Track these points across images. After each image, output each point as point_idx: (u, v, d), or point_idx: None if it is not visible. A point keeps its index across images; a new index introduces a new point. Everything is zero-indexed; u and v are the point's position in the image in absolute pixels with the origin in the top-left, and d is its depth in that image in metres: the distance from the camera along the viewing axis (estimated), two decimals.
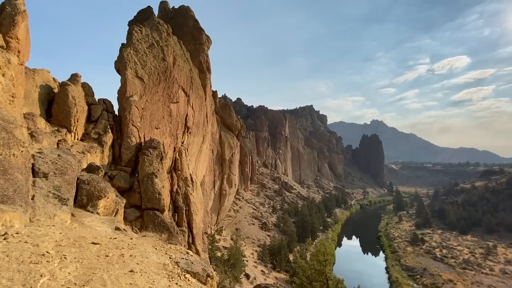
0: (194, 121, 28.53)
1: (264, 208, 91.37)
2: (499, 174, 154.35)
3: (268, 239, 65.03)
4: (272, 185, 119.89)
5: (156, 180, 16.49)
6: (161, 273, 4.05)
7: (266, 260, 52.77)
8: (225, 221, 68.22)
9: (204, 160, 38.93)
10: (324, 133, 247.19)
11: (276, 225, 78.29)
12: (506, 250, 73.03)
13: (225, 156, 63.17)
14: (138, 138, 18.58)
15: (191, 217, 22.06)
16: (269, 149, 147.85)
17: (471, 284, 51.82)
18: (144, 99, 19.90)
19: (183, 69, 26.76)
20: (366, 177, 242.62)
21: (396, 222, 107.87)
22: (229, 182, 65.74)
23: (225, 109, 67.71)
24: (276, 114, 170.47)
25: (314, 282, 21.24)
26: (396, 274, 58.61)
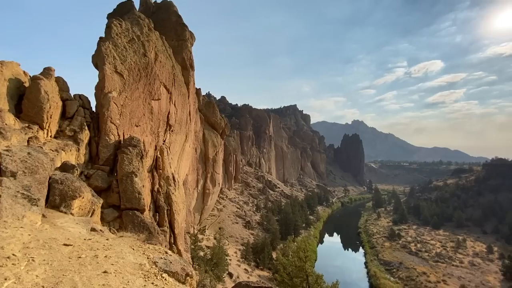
0: (176, 119, 27.99)
1: (248, 206, 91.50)
2: (469, 173, 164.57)
3: (252, 237, 65.27)
4: (256, 183, 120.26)
5: (136, 179, 16.04)
6: (137, 273, 3.94)
7: (250, 258, 52.96)
8: (209, 220, 67.65)
9: (187, 159, 38.34)
10: (307, 133, 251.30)
11: (260, 224, 78.70)
12: (474, 243, 78.01)
13: (208, 155, 62.55)
14: (117, 136, 17.95)
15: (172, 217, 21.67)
16: (254, 148, 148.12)
17: (443, 276, 54.86)
18: (123, 96, 19.24)
19: (165, 66, 26.15)
20: (347, 175, 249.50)
21: (375, 219, 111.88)
22: (213, 181, 65.21)
23: (209, 107, 66.95)
24: (261, 113, 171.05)
25: (295, 278, 21.63)
26: (375, 268, 60.87)
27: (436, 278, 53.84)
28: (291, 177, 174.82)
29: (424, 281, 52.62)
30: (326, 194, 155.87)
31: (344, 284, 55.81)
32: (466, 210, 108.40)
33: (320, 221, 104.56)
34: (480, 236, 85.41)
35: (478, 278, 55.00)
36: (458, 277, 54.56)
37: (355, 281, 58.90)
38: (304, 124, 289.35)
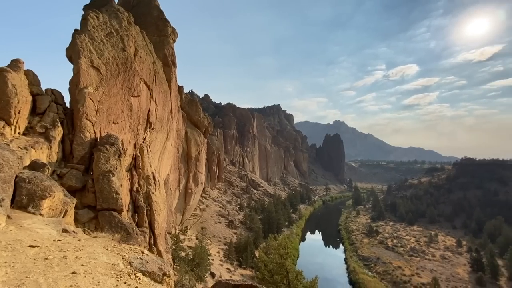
0: (157, 117, 27.28)
1: (231, 206, 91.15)
2: (440, 171, 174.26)
3: (235, 236, 65.10)
4: (239, 183, 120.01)
5: (113, 178, 15.44)
6: (109, 273, 3.78)
7: (232, 257, 52.82)
8: (191, 220, 66.65)
9: (168, 157, 37.50)
10: (290, 132, 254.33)
11: (243, 223, 78.67)
12: (445, 238, 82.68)
13: (191, 154, 61.55)
14: (93, 133, 17.20)
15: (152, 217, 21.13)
16: (237, 147, 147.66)
17: (417, 270, 57.71)
18: (100, 91, 18.46)
19: (146, 61, 25.39)
20: (329, 174, 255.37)
21: (354, 216, 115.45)
22: (195, 180, 64.27)
23: (192, 105, 65.87)
24: (245, 112, 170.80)
25: (276, 275, 21.85)
26: (354, 264, 62.83)
27: (411, 271, 56.52)
28: (275, 176, 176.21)
29: (400, 274, 55.07)
30: (308, 192, 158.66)
31: (325, 280, 57.19)
32: (438, 206, 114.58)
33: (302, 219, 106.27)
34: (450, 231, 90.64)
35: (449, 270, 58.36)
36: (430, 270, 57.59)
37: (335, 277, 60.46)
38: (288, 124, 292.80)
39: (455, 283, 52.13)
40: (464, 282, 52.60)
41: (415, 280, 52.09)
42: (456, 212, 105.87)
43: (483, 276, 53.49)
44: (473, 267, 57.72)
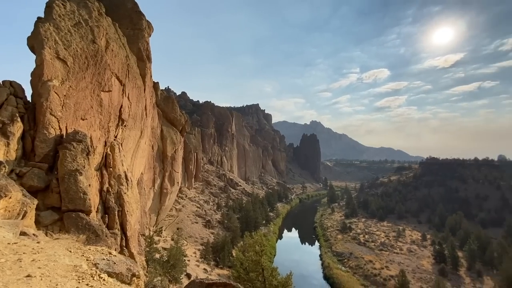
0: (130, 113, 26.14)
1: (209, 205, 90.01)
2: (408, 170, 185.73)
3: (212, 236, 64.39)
4: (217, 182, 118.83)
5: (81, 177, 14.56)
6: (69, 275, 3.53)
7: (209, 258, 52.21)
8: (166, 221, 64.85)
9: (142, 156, 36.13)
10: (269, 132, 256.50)
11: (221, 222, 78.05)
12: (411, 232, 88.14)
13: (167, 153, 59.82)
14: (58, 130, 16.06)
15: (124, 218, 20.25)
16: (215, 146, 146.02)
17: (386, 263, 60.96)
18: (67, 85, 17.28)
19: (118, 55, 24.20)
20: (305, 173, 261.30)
21: (329, 213, 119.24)
22: (171, 180, 62.58)
23: (168, 102, 64.01)
24: (223, 111, 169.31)
25: (251, 273, 21.94)
26: (328, 260, 64.90)
27: (380, 265, 59.56)
28: (253, 175, 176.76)
29: (371, 268, 57.84)
30: (285, 191, 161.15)
31: (301, 276, 58.46)
32: (406, 203, 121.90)
33: (280, 218, 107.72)
34: (417, 226, 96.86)
35: (414, 263, 62.32)
36: (398, 263, 61.12)
37: (311, 273, 62.04)
38: (266, 123, 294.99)
39: (420, 274, 55.76)
40: (428, 273, 56.45)
41: (384, 273, 54.96)
42: (422, 208, 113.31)
43: (445, 267, 57.78)
44: (436, 259, 62.10)
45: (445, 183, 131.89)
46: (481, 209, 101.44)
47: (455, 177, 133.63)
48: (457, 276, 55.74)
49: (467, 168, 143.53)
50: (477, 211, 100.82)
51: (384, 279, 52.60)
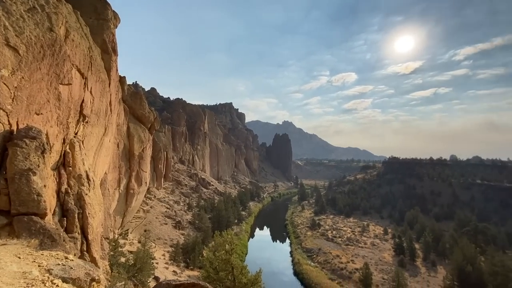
0: (93, 109, 24.43)
1: (179, 206, 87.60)
2: (372, 169, 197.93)
3: (182, 237, 62.79)
4: (188, 182, 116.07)
5: (34, 178, 13.29)
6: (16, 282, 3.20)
7: (179, 259, 50.85)
8: (133, 223, 61.89)
9: (107, 155, 34.04)
10: (242, 131, 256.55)
11: (192, 223, 76.40)
12: (375, 227, 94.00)
13: (134, 151, 57.02)
14: (7, 125, 14.48)
15: (85, 221, 18.93)
16: (187, 145, 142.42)
17: (352, 257, 64.36)
18: (18, 76, 15.64)
19: (80, 46, 22.47)
20: (277, 172, 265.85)
21: (299, 211, 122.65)
22: (138, 180, 59.81)
23: (136, 98, 61.02)
24: (195, 109, 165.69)
25: (221, 272, 21.85)
26: (298, 256, 66.76)
27: (347, 259, 62.74)
28: (225, 175, 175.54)
29: (338, 262, 60.67)
30: (258, 190, 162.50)
31: (272, 273, 59.40)
32: (370, 200, 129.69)
33: (252, 216, 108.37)
34: (379, 221, 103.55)
35: (377, 255, 66.61)
36: (362, 256, 64.86)
37: (281, 270, 63.34)
38: (239, 123, 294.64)
39: (382, 266, 59.75)
40: (389, 264, 60.69)
41: (350, 266, 57.98)
42: (384, 204, 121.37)
43: (404, 258, 62.54)
44: (396, 251, 66.95)
45: (404, 180, 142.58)
46: (435, 204, 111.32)
47: (413, 175, 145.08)
48: (414, 266, 60.64)
49: (423, 167, 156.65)
50: (431, 206, 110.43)
51: (350, 272, 55.47)
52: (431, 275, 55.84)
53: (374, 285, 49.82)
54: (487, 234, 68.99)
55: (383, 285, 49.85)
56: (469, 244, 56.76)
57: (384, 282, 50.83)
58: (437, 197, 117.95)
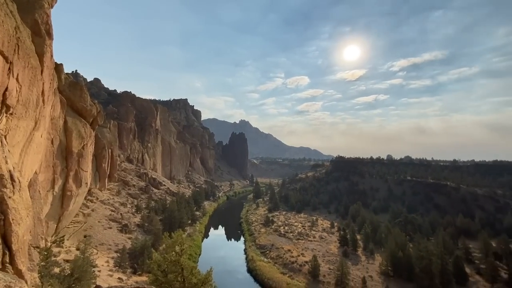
0: (20, 99, 21.09)
1: (126, 208, 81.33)
2: (321, 167, 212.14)
3: (129, 242, 58.40)
4: (137, 182, 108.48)
5: None
6: None
7: (126, 265, 47.23)
8: (70, 229, 55.37)
9: (38, 152, 29.79)
10: (197, 128, 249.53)
11: (140, 226, 71.66)
12: (323, 221, 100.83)
13: (72, 148, 50.95)
14: None
15: (8, 228, 16.30)
16: (136, 142, 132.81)
17: (302, 250, 67.99)
18: None
19: (3, 25, 19.14)
20: (233, 170, 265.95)
21: (254, 209, 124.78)
22: (77, 180, 53.71)
23: (76, 89, 54.58)
24: (146, 104, 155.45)
25: (170, 274, 21.02)
26: (252, 253, 67.90)
27: (297, 253, 66.06)
28: (179, 174, 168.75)
29: (289, 256, 63.47)
30: (213, 189, 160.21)
31: (226, 272, 59.29)
32: (319, 196, 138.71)
33: (206, 216, 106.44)
34: (327, 215, 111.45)
35: (324, 248, 71.61)
36: (311, 249, 69.05)
37: (236, 267, 63.65)
38: (195, 120, 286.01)
39: (329, 257, 64.43)
40: (335, 255, 65.75)
41: (300, 260, 61.18)
42: (331, 200, 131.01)
43: (347, 249, 68.42)
44: (341, 243, 72.85)
45: (349, 178, 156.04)
46: (374, 199, 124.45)
47: (356, 173, 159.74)
48: (356, 256, 66.80)
49: (365, 165, 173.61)
50: (371, 200, 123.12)
51: (300, 265, 58.55)
52: (370, 263, 62.27)
53: (322, 276, 53.48)
54: (415, 223, 79.82)
55: (329, 275, 53.80)
56: (400, 233, 64.84)
57: (331, 272, 54.94)
58: (376, 192, 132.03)
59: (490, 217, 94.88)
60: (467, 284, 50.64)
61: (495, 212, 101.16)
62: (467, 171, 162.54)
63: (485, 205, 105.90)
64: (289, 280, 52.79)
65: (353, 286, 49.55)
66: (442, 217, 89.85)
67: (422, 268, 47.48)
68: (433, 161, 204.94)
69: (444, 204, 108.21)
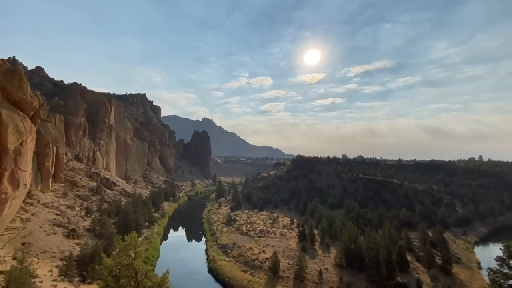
0: None
1: (74, 211, 74.14)
2: (283, 166, 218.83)
3: (78, 248, 53.31)
4: (87, 182, 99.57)
5: None
6: None
7: (73, 273, 42.93)
8: (5, 236, 48.66)
9: None
10: (157, 125, 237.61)
11: (91, 230, 65.94)
12: (283, 218, 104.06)
13: (7, 145, 44.70)
14: None
15: None
16: (86, 139, 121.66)
17: (263, 247, 69.31)
18: None
19: None
20: (195, 169, 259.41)
21: (216, 208, 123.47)
22: (14, 181, 47.36)
23: (13, 78, 47.97)
24: (99, 97, 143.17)
25: (122, 279, 19.83)
26: (213, 253, 67.16)
27: (259, 250, 67.15)
28: (135, 173, 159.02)
29: (250, 254, 64.19)
30: (173, 189, 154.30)
31: (187, 273, 57.75)
32: (280, 194, 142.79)
33: (166, 217, 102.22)
34: (287, 212, 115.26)
35: (284, 244, 73.97)
36: (272, 246, 70.78)
37: (197, 268, 62.33)
38: (154, 116, 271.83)
39: (288, 253, 66.72)
40: (294, 251, 68.32)
41: (261, 257, 62.29)
42: (291, 197, 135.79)
43: (305, 244, 71.60)
44: (300, 238, 75.96)
45: (308, 176, 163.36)
46: (330, 196, 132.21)
47: (315, 171, 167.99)
48: (313, 250, 70.26)
49: (322, 164, 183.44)
50: (328, 197, 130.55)
51: (261, 262, 59.62)
52: (326, 256, 66.08)
53: (281, 271, 55.16)
54: (366, 217, 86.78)
55: (288, 270, 55.74)
56: (353, 227, 69.93)
57: (290, 266, 56.97)
58: (332, 189, 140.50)
59: (427, 210, 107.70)
60: (408, 270, 56.82)
61: (432, 205, 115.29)
62: (410, 169, 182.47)
63: (423, 200, 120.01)
64: (250, 278, 53.42)
65: (310, 279, 52.10)
66: (388, 211, 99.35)
67: (371, 258, 51.89)
68: (381, 160, 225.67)
69: (390, 199, 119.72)
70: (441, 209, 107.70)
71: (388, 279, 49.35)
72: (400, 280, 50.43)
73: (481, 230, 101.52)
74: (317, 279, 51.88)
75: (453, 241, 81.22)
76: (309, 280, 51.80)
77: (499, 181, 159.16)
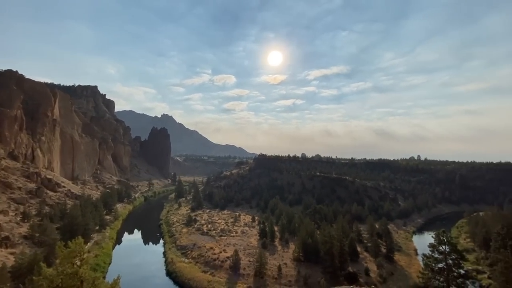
0: None
1: (7, 217, 65.13)
2: (245, 164, 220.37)
3: (12, 258, 46.88)
4: (24, 183, 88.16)
5: None
6: None
7: (7, 286, 37.67)
8: None
9: None
10: (110, 121, 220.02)
11: (29, 237, 58.45)
12: (245, 216, 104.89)
13: None
14: None
15: None
16: (23, 135, 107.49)
17: (224, 247, 69.03)
18: None
19: None
20: (153, 169, 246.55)
21: (176, 209, 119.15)
22: None
23: None
24: (40, 87, 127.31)
25: None
26: (172, 255, 64.79)
27: (219, 249, 66.67)
28: (84, 173, 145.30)
29: (211, 254, 63.42)
30: (128, 190, 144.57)
31: (143, 278, 54.84)
32: (242, 192, 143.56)
33: (119, 220, 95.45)
34: (249, 210, 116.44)
35: (246, 242, 74.64)
36: (233, 244, 70.90)
37: (154, 272, 59.50)
38: (107, 111, 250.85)
39: (249, 250, 67.49)
40: (255, 248, 69.33)
41: (222, 256, 61.94)
42: (253, 195, 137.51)
43: (266, 240, 73.16)
44: (260, 236, 77.38)
45: (269, 174, 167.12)
46: (290, 193, 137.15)
47: (276, 169, 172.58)
48: (273, 246, 72.16)
49: (283, 162, 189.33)
50: (287, 194, 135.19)
51: (222, 261, 59.30)
52: (285, 251, 68.42)
53: (242, 269, 55.57)
54: (321, 213, 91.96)
55: (249, 267, 56.41)
56: (310, 222, 73.58)
57: (251, 264, 57.70)
58: (292, 187, 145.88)
59: (375, 204, 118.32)
60: (358, 260, 61.88)
61: (379, 200, 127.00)
62: (361, 167, 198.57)
63: (372, 195, 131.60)
64: (210, 278, 52.83)
65: (270, 274, 53.50)
66: (342, 206, 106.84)
67: (326, 251, 55.26)
68: (336, 159, 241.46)
69: (343, 195, 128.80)
70: (387, 203, 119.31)
71: (340, 270, 53.14)
72: (351, 269, 54.65)
73: (418, 221, 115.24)
74: (276, 274, 53.48)
75: (396, 232, 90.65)
76: (268, 276, 53.14)
77: (432, 177, 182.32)
